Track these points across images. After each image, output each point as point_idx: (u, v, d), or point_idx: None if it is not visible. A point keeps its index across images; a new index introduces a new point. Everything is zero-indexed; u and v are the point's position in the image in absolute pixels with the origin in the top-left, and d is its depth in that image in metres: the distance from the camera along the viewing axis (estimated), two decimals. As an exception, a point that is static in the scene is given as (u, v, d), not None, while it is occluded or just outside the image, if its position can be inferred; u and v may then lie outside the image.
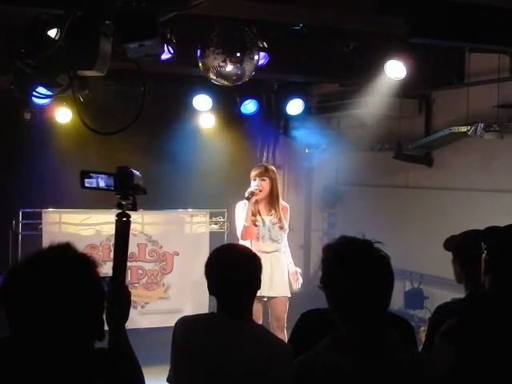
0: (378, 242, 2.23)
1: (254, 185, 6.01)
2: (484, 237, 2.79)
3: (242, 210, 6.06)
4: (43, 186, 7.51)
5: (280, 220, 6.05)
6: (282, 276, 6.06)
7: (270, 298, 5.99)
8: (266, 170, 6.09)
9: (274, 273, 5.98)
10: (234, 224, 7.86)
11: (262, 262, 5.98)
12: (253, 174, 6.08)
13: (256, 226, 6.04)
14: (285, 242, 6.19)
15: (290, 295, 6.03)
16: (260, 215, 6.07)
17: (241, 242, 5.91)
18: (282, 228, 6.07)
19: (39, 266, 1.94)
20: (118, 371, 2.09)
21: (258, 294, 5.83)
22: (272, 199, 6.07)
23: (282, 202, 6.17)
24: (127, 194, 2.53)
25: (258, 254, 5.87)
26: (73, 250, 2.01)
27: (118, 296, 2.45)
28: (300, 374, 2.21)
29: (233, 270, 2.94)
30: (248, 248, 3.11)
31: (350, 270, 2.17)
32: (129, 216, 2.53)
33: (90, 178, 2.52)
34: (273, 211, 6.05)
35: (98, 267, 2.03)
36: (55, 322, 1.89)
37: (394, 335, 2.19)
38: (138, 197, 2.56)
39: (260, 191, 6.00)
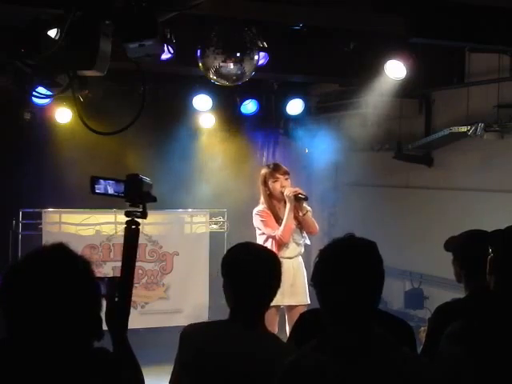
0: (372, 242, 2.22)
1: (274, 185, 5.70)
2: (490, 237, 2.79)
3: (264, 215, 5.74)
4: (43, 186, 7.52)
5: (300, 222, 5.77)
6: (304, 282, 5.75)
7: (288, 306, 5.65)
8: (284, 167, 5.80)
9: (295, 280, 5.68)
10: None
11: (285, 268, 5.77)
12: (272, 174, 5.73)
13: (293, 226, 5.74)
14: (307, 241, 5.89)
15: (309, 302, 5.64)
16: (282, 218, 5.74)
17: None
18: (302, 230, 5.79)
19: (33, 266, 1.94)
20: (117, 370, 2.10)
21: (279, 303, 5.65)
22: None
23: (305, 205, 5.81)
24: (136, 202, 2.53)
25: (281, 260, 5.75)
26: (66, 250, 2.00)
27: (124, 303, 2.45)
28: (288, 375, 2.20)
29: (250, 274, 2.71)
30: (269, 249, 2.89)
31: (340, 272, 2.16)
32: (138, 224, 2.53)
33: (100, 183, 2.53)
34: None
35: (91, 266, 2.03)
36: (50, 321, 1.90)
37: (382, 334, 2.19)
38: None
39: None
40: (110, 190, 2.53)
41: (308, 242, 5.94)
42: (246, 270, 2.72)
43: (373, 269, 2.17)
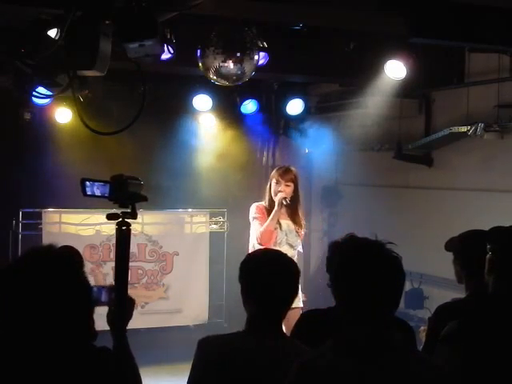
0: (390, 243, 2.21)
1: (274, 187, 5.72)
2: (488, 237, 2.79)
3: (259, 211, 5.74)
4: (43, 186, 7.52)
5: (299, 225, 5.78)
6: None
7: None
8: (292, 173, 5.78)
9: None
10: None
11: None
12: (277, 176, 5.75)
13: (273, 230, 5.72)
14: (300, 249, 5.87)
15: (301, 305, 5.65)
16: (278, 219, 5.73)
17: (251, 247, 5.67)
18: (298, 234, 5.78)
19: (22, 268, 1.97)
20: (115, 371, 2.10)
21: None
22: (293, 204, 5.78)
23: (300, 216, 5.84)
24: (123, 203, 2.52)
25: None
26: (55, 251, 2.02)
27: (120, 305, 2.45)
28: (303, 375, 2.20)
29: (281, 281, 2.67)
30: (288, 257, 2.85)
31: (358, 270, 2.14)
32: (129, 224, 2.52)
33: (87, 185, 2.53)
34: (293, 216, 5.77)
35: (79, 266, 2.05)
36: (38, 320, 1.93)
37: (397, 336, 2.19)
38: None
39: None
40: (97, 192, 2.53)
41: (301, 250, 5.92)
42: (267, 283, 2.66)
43: (375, 266, 2.15)
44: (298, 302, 5.63)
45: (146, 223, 7.48)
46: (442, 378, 2.19)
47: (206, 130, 8.45)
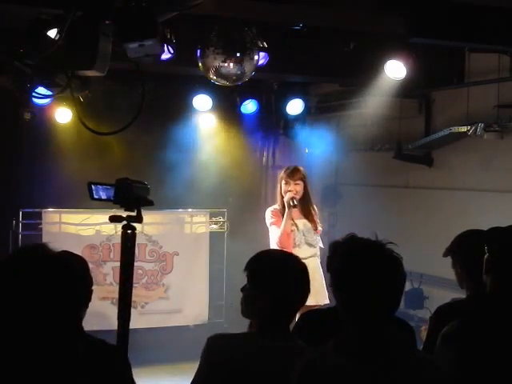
0: (391, 243, 2.21)
1: (284, 188, 5.74)
2: (486, 237, 2.78)
3: (274, 215, 5.76)
4: (43, 186, 7.52)
5: (314, 223, 5.82)
6: (321, 282, 5.69)
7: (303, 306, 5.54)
8: (300, 172, 5.79)
9: (312, 282, 5.63)
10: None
11: None
12: (285, 177, 5.76)
13: (290, 232, 5.74)
14: (320, 244, 5.90)
15: (327, 302, 5.59)
16: (293, 220, 5.76)
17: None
18: (316, 231, 5.83)
19: (12, 265, 2.00)
20: (120, 370, 2.11)
21: None
22: (305, 202, 5.81)
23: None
24: (128, 206, 2.52)
25: None
26: (46, 249, 2.04)
27: (124, 303, 2.46)
28: (304, 375, 2.20)
29: (286, 284, 2.67)
30: (295, 257, 2.86)
31: (359, 271, 2.14)
32: (134, 228, 2.52)
33: (93, 189, 2.54)
34: (306, 214, 5.80)
35: (72, 265, 2.06)
36: (29, 315, 1.97)
37: (397, 335, 2.18)
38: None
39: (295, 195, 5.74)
40: (103, 196, 2.53)
41: (321, 245, 5.92)
42: (280, 285, 2.66)
43: (375, 266, 2.15)
44: (323, 298, 5.63)
45: (146, 223, 7.46)
46: (442, 377, 2.19)
47: (206, 130, 8.45)
